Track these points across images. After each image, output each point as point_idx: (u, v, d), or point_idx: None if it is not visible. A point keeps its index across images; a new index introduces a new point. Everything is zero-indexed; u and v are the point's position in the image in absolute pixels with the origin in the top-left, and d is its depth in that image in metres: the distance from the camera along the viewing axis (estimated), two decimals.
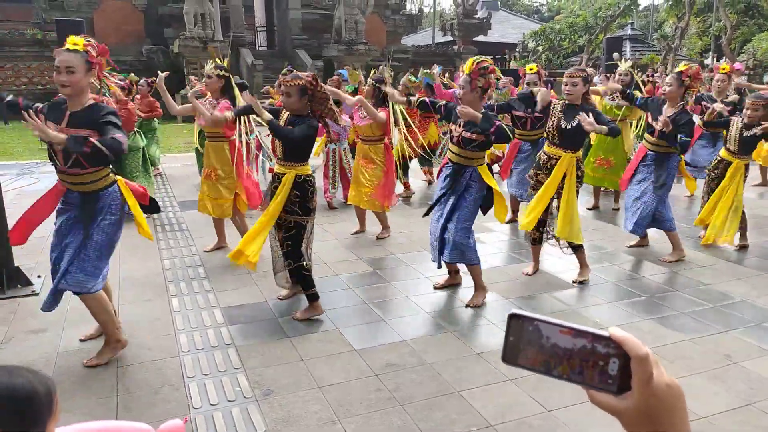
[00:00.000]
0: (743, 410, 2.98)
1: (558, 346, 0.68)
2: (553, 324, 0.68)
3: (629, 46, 26.24)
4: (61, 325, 3.93)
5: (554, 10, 45.16)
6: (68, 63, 3.12)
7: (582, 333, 0.67)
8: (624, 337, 0.66)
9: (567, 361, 0.68)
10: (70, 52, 3.15)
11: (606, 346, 0.67)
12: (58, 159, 3.26)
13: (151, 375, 3.33)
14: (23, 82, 18.86)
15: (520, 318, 0.70)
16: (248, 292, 4.55)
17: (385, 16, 24.34)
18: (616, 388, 0.67)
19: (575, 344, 0.67)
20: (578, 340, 0.67)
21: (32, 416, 1.02)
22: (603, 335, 0.67)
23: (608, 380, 0.66)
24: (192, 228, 6.39)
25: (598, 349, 0.67)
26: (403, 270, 5.12)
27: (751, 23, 28.63)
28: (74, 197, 3.36)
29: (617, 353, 0.66)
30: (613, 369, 0.66)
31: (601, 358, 0.67)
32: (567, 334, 0.68)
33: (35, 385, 1.04)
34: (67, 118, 3.22)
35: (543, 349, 0.68)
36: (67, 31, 10.84)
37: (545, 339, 0.68)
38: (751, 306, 4.29)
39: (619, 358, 0.66)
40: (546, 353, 0.68)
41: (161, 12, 20.46)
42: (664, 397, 0.66)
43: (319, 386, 3.19)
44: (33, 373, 1.06)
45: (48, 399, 1.05)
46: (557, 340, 0.68)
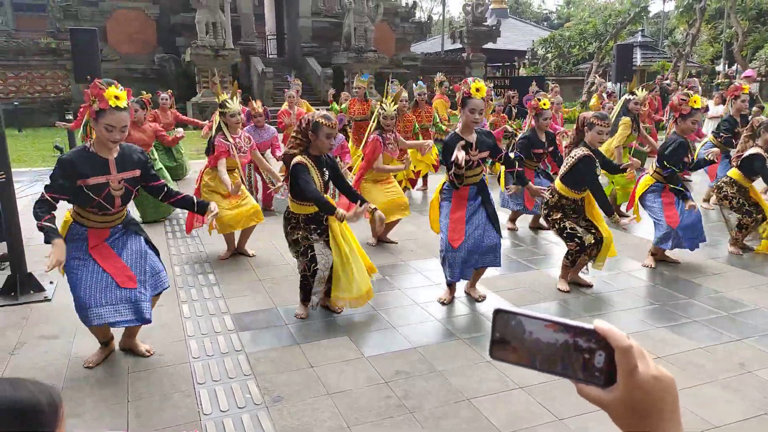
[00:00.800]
0: (758, 419, 2.94)
1: (543, 340, 0.68)
2: (537, 318, 0.69)
3: (640, 53, 26.17)
4: (73, 332, 3.96)
5: (564, 18, 45.17)
6: (124, 122, 3.15)
7: (566, 327, 0.67)
8: (608, 329, 0.66)
9: (553, 355, 0.68)
10: (121, 110, 3.12)
11: (590, 339, 0.67)
12: (115, 203, 3.32)
13: (161, 381, 3.33)
14: (37, 90, 19.11)
15: (505, 313, 0.70)
16: (258, 299, 4.56)
17: (394, 24, 24.42)
18: (603, 381, 0.67)
19: (560, 338, 0.68)
20: (563, 334, 0.68)
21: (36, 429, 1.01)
22: (587, 328, 0.67)
23: (595, 373, 0.67)
24: (202, 234, 6.41)
25: (583, 343, 0.67)
26: (412, 277, 5.11)
27: (763, 30, 28.48)
28: (117, 229, 3.45)
29: (603, 346, 0.67)
30: (600, 362, 0.67)
31: (587, 351, 0.67)
32: (552, 328, 0.68)
33: (39, 398, 1.02)
34: (114, 165, 3.27)
35: (528, 343, 0.69)
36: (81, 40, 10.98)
37: (529, 333, 0.69)
38: (765, 314, 4.24)
39: (605, 351, 0.66)
40: (531, 348, 0.69)
41: (173, 21, 20.67)
42: (651, 390, 0.66)
43: (328, 393, 3.19)
44: (37, 385, 1.04)
45: (53, 411, 1.03)
46: (542, 335, 0.68)
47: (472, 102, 4.08)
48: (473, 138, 4.22)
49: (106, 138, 3.16)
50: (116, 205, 3.33)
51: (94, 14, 19.90)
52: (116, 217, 3.43)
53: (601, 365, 0.66)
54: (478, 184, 4.39)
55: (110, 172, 3.24)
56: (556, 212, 4.71)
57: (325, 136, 3.87)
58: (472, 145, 4.20)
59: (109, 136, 3.14)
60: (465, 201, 4.34)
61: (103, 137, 3.17)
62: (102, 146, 3.25)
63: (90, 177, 3.19)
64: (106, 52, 18.68)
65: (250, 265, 5.41)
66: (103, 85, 3.12)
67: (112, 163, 3.25)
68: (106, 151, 3.26)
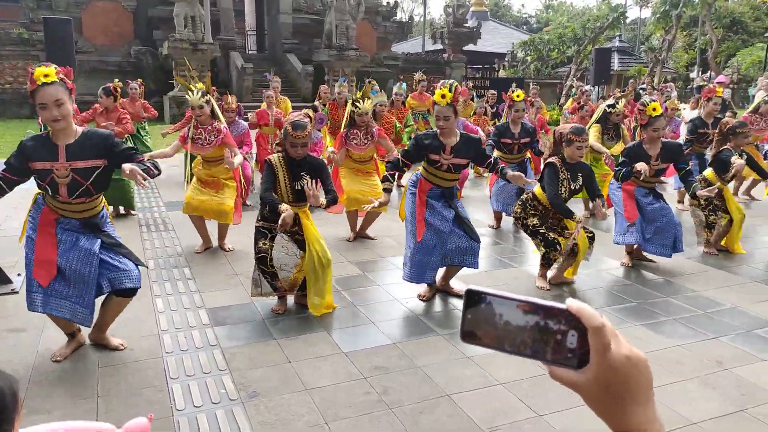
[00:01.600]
0: (735, 416, 2.95)
1: (515, 321, 0.65)
2: (509, 299, 0.65)
3: (617, 58, 26.52)
4: (41, 325, 3.82)
5: (543, 22, 45.63)
6: (55, 96, 2.98)
7: (538, 307, 0.65)
8: (580, 307, 0.64)
9: (524, 337, 0.65)
10: (49, 85, 2.98)
11: (562, 319, 0.64)
12: (60, 192, 3.15)
13: (133, 376, 3.23)
14: (8, 81, 18.61)
15: (476, 294, 0.67)
16: (234, 293, 4.47)
17: (375, 23, 24.36)
18: (576, 362, 0.64)
19: (530, 320, 0.65)
20: (533, 315, 0.65)
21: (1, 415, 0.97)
22: (560, 307, 0.64)
23: (568, 354, 0.64)
24: (178, 228, 6.29)
25: (554, 324, 0.64)
26: (391, 272, 5.06)
27: (736, 38, 29.11)
28: (72, 224, 3.29)
29: (575, 326, 0.64)
30: (572, 342, 0.64)
31: (559, 333, 0.64)
32: (524, 309, 0.65)
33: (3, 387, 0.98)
34: (64, 151, 3.12)
35: (500, 325, 0.66)
36: (55, 31, 10.73)
37: (501, 315, 0.66)
38: (741, 313, 4.29)
39: (578, 331, 0.64)
40: (503, 329, 0.66)
41: (150, 14, 20.31)
42: (624, 370, 0.64)
43: (306, 389, 3.12)
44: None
45: (13, 398, 0.99)
46: (513, 316, 0.65)
47: (436, 109, 4.09)
48: (450, 142, 4.16)
49: (45, 119, 3.05)
50: (62, 194, 3.16)
51: (69, 5, 19.45)
52: (70, 210, 3.26)
53: (574, 346, 0.64)
54: (446, 190, 4.31)
55: (57, 159, 3.11)
56: (532, 218, 4.72)
57: (290, 145, 3.90)
58: (445, 148, 4.15)
59: (46, 115, 3.01)
60: (424, 196, 4.27)
61: (43, 118, 3.06)
62: (55, 132, 3.13)
63: (37, 161, 3.11)
64: (81, 44, 18.28)
65: (226, 259, 5.31)
66: (33, 67, 3.05)
67: (61, 150, 3.12)
68: (60, 136, 3.13)
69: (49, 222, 3.28)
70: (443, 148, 4.15)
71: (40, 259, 3.22)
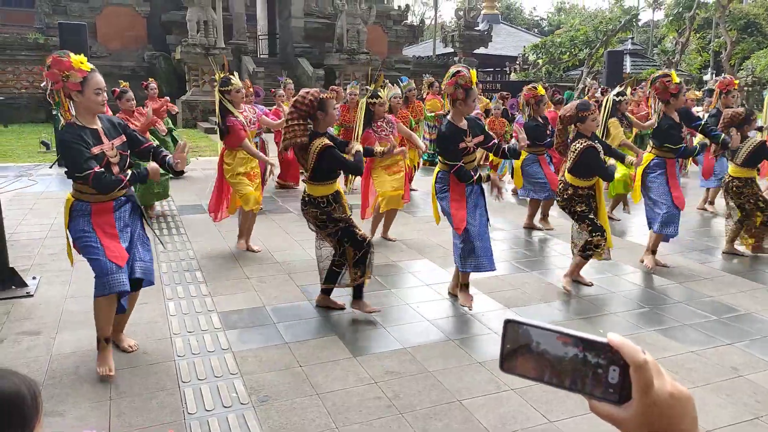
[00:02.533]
0: (749, 424, 2.92)
1: (555, 353, 0.64)
2: (550, 330, 0.64)
3: (629, 61, 26.35)
4: (56, 328, 3.86)
5: (555, 25, 45.43)
6: (104, 83, 3.20)
7: (579, 340, 0.63)
8: (621, 342, 0.62)
9: (563, 369, 0.64)
10: (97, 73, 3.18)
11: (603, 353, 0.62)
12: (113, 171, 3.25)
13: (145, 379, 3.25)
14: (24, 86, 18.86)
15: (515, 324, 0.66)
16: (246, 297, 4.49)
17: (386, 27, 24.40)
18: (618, 397, 0.63)
19: (572, 352, 0.63)
20: (572, 347, 0.63)
21: (19, 419, 0.98)
22: (600, 342, 0.63)
23: (609, 389, 0.63)
24: (190, 232, 6.33)
25: (592, 358, 0.63)
26: (403, 277, 5.06)
27: (750, 40, 28.80)
28: (120, 201, 3.38)
29: (617, 361, 0.62)
30: (614, 377, 0.62)
31: (600, 366, 0.63)
32: (564, 341, 0.64)
33: (22, 388, 0.99)
34: (104, 134, 3.24)
35: (539, 356, 0.65)
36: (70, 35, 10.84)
37: (541, 346, 0.64)
38: (756, 319, 4.24)
39: (619, 366, 0.62)
40: (543, 361, 0.64)
41: (164, 18, 20.50)
42: (667, 408, 0.62)
43: (317, 393, 3.13)
44: (18, 376, 1.02)
45: (34, 402, 1.01)
46: (553, 348, 0.64)
47: (473, 92, 4.11)
48: (465, 125, 4.21)
49: (98, 102, 3.16)
50: (115, 173, 3.27)
51: (83, 10, 19.68)
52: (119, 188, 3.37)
53: (615, 381, 0.62)
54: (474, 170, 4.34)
55: (103, 141, 3.22)
56: (578, 204, 4.69)
57: (333, 108, 3.93)
58: (467, 133, 4.19)
59: (100, 99, 3.16)
60: (463, 187, 4.25)
61: (95, 103, 3.15)
62: (88, 117, 3.20)
63: (91, 148, 3.17)
64: (96, 48, 18.48)
65: (238, 263, 5.34)
66: (64, 57, 3.08)
67: (101, 132, 3.24)
68: (92, 120, 3.23)
69: (106, 215, 3.30)
70: (465, 133, 4.21)
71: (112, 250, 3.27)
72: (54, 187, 8.55)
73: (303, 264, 5.22)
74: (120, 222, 3.36)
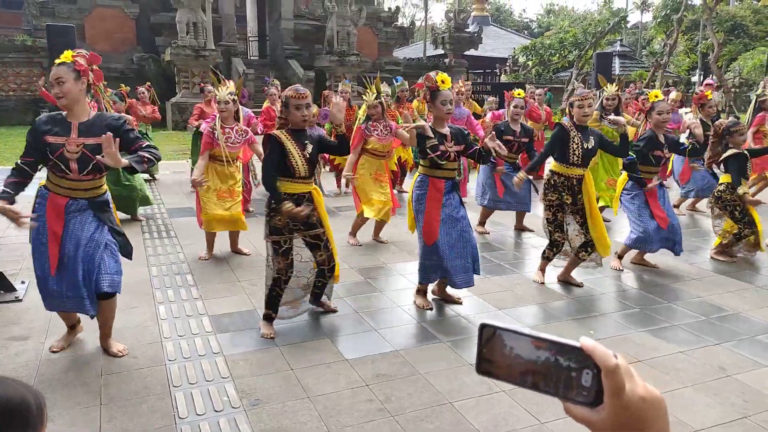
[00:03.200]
0: (738, 423, 2.95)
1: (528, 357, 0.65)
2: (522, 334, 0.65)
3: (618, 63, 26.56)
4: (45, 333, 3.84)
5: (544, 26, 45.68)
6: (57, 75, 3.24)
7: (550, 343, 0.64)
8: (592, 346, 0.63)
9: (538, 372, 0.65)
10: (59, 65, 3.27)
11: (575, 357, 0.63)
12: (70, 168, 3.27)
13: (136, 384, 3.24)
14: (12, 89, 18.71)
15: (490, 328, 0.67)
16: (237, 301, 4.47)
17: (377, 29, 24.43)
18: (591, 400, 0.63)
19: (544, 356, 0.64)
20: (547, 351, 0.64)
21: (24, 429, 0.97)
22: (572, 345, 0.64)
23: (582, 392, 0.64)
24: (180, 235, 6.30)
25: (564, 361, 0.64)
26: (394, 279, 5.07)
27: (737, 42, 29.10)
28: (80, 204, 3.39)
29: (590, 364, 0.63)
30: (587, 380, 0.63)
31: (572, 369, 0.64)
32: (537, 345, 0.65)
33: (28, 398, 0.99)
34: (77, 128, 3.30)
35: (514, 360, 0.66)
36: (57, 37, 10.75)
37: (514, 350, 0.66)
38: (744, 319, 4.28)
39: (592, 369, 0.63)
40: (517, 364, 0.66)
41: (153, 20, 20.42)
42: (639, 410, 0.63)
43: (308, 396, 3.13)
44: (24, 386, 1.01)
45: (39, 412, 1.00)
46: (527, 352, 0.65)
47: (442, 94, 4.09)
48: (447, 131, 4.22)
49: (54, 94, 3.29)
50: (73, 170, 3.27)
51: (72, 12, 19.56)
52: (76, 186, 3.35)
53: (589, 384, 0.63)
54: (452, 183, 4.30)
55: (69, 135, 3.28)
56: (552, 192, 4.77)
57: (295, 108, 3.75)
58: (447, 137, 4.18)
59: (53, 93, 3.30)
60: (441, 194, 4.19)
61: (53, 95, 3.31)
62: (64, 109, 3.33)
63: (49, 135, 3.26)
64: (84, 50, 18.35)
65: (228, 266, 5.32)
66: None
67: (74, 127, 3.31)
68: (73, 115, 3.33)
69: (57, 211, 3.35)
70: (445, 137, 4.20)
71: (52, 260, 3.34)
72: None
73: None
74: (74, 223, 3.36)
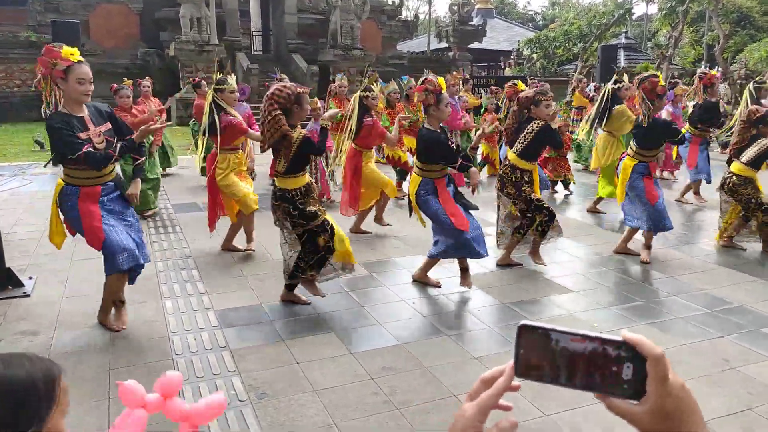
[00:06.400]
0: (743, 414, 2.96)
1: (569, 354, 0.66)
2: (563, 332, 0.67)
3: (623, 55, 26.36)
4: (53, 328, 3.88)
5: (549, 19, 45.41)
6: (90, 74, 3.40)
7: (593, 339, 0.66)
8: (638, 338, 0.65)
9: (580, 369, 0.66)
10: (84, 63, 3.38)
11: (618, 350, 0.65)
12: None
13: (144, 378, 3.23)
14: (16, 85, 18.76)
15: (529, 329, 0.68)
16: (243, 295, 4.50)
17: (380, 22, 24.35)
18: (632, 393, 0.66)
19: (586, 351, 0.66)
20: (589, 346, 0.66)
21: (28, 412, 0.93)
22: (616, 340, 0.66)
23: (623, 385, 0.65)
24: (186, 230, 6.34)
25: (610, 354, 0.65)
26: (399, 273, 5.09)
27: (743, 33, 28.88)
28: (110, 187, 3.63)
29: (631, 357, 0.65)
30: (627, 374, 0.65)
31: (614, 364, 0.65)
32: (578, 341, 0.66)
33: (33, 375, 0.95)
34: (90, 121, 3.47)
35: (554, 358, 0.67)
36: (62, 33, 10.78)
37: (556, 348, 0.67)
38: (748, 311, 4.28)
39: (633, 362, 0.65)
40: (558, 363, 0.67)
41: (157, 15, 20.40)
42: (679, 400, 0.65)
43: (314, 390, 3.15)
44: (32, 361, 0.98)
45: (48, 389, 0.96)
46: (568, 348, 0.66)
47: (444, 97, 4.27)
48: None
49: (81, 92, 3.37)
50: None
51: (76, 8, 19.58)
52: (105, 172, 3.58)
53: (629, 377, 0.65)
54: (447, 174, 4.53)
55: (89, 128, 3.42)
56: (526, 186, 4.88)
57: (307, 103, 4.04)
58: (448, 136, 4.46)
59: (82, 89, 3.36)
60: (446, 191, 4.45)
61: (78, 92, 3.37)
62: (73, 104, 3.42)
63: (79, 132, 3.38)
64: (89, 46, 18.37)
65: (234, 260, 5.35)
66: (56, 47, 3.34)
67: (87, 119, 3.44)
68: (78, 108, 3.43)
69: (93, 198, 3.55)
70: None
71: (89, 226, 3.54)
72: (49, 186, 8.50)
73: None
74: (108, 208, 3.60)
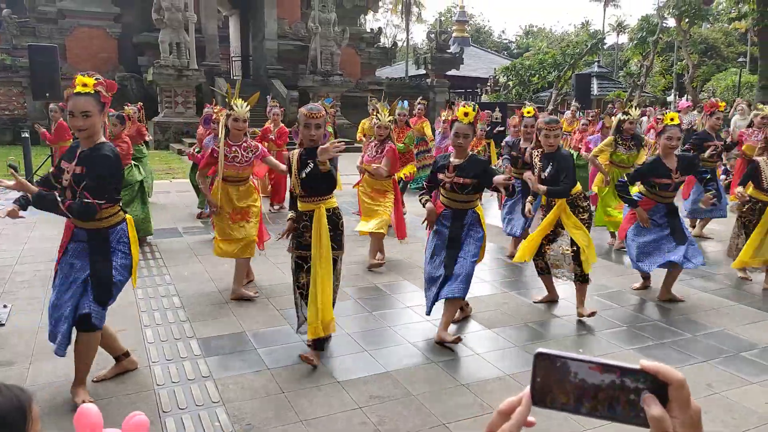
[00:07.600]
0: None
1: (587, 382, 0.67)
2: (580, 360, 0.67)
3: (596, 83, 27.05)
4: (29, 358, 3.76)
5: (523, 47, 46.48)
6: (83, 108, 3.03)
7: (611, 368, 0.66)
8: (657, 366, 0.65)
9: (597, 398, 0.66)
10: (82, 95, 3.04)
11: (636, 378, 0.66)
12: (66, 195, 3.17)
13: (124, 410, 3.17)
14: None
15: (547, 357, 0.68)
16: (226, 323, 4.43)
17: (359, 49, 24.64)
18: None
19: (604, 380, 0.66)
20: (607, 375, 0.66)
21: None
22: (633, 368, 0.66)
23: (640, 413, 0.65)
24: (166, 257, 6.23)
25: (628, 383, 0.66)
26: (384, 300, 5.06)
27: (710, 63, 29.92)
28: (81, 234, 3.23)
29: (648, 385, 0.65)
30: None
31: (632, 392, 0.66)
32: (596, 370, 0.66)
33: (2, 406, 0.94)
34: (78, 156, 3.16)
35: (571, 387, 0.67)
36: (39, 57, 10.68)
37: (573, 376, 0.67)
38: (729, 336, 4.34)
39: (651, 390, 0.65)
40: (575, 391, 0.67)
41: (135, 40, 20.36)
42: (699, 422, 0.66)
43: (301, 420, 3.10)
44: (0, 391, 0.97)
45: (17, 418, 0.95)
46: (586, 377, 0.67)
47: (456, 126, 4.04)
48: (456, 161, 4.11)
49: (71, 126, 3.13)
50: (66, 195, 3.16)
51: (52, 32, 19.43)
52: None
53: None
54: (453, 213, 4.21)
55: (72, 163, 3.15)
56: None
57: (304, 127, 3.73)
58: (448, 167, 4.13)
59: (72, 122, 3.09)
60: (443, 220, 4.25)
61: (70, 125, 3.17)
62: (82, 139, 3.17)
63: (64, 160, 3.21)
64: (66, 69, 18.18)
65: (216, 287, 5.27)
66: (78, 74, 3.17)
67: (77, 155, 3.16)
68: (84, 143, 3.17)
69: (67, 236, 3.30)
70: (448, 167, 4.14)
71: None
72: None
73: (282, 288, 5.16)
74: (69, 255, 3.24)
